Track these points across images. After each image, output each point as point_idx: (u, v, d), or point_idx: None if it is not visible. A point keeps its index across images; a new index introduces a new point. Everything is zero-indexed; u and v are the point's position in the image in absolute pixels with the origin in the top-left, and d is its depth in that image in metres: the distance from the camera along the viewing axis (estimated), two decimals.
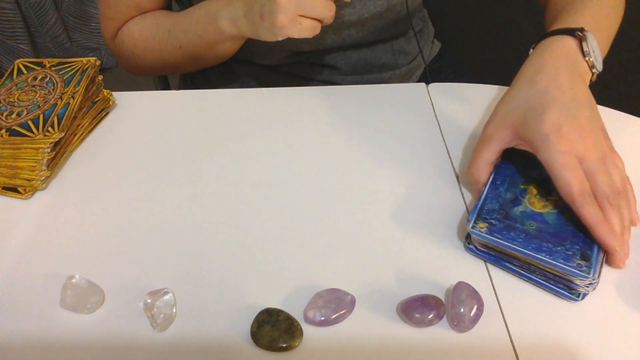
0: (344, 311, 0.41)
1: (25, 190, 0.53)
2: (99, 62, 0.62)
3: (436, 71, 0.86)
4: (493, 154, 0.49)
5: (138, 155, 0.57)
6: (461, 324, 0.40)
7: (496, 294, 0.43)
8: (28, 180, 0.53)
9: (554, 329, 0.41)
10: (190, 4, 0.67)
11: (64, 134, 0.54)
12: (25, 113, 0.55)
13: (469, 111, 0.62)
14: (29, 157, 0.53)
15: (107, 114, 0.63)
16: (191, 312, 0.42)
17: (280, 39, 0.56)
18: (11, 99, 0.57)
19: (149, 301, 0.42)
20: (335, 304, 0.41)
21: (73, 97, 0.57)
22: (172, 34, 0.66)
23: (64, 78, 0.59)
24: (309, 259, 0.46)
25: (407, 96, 0.65)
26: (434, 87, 0.66)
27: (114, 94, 0.64)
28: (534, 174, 0.49)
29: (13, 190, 0.53)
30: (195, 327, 0.41)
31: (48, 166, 0.53)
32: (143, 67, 0.73)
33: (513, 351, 0.40)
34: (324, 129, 0.60)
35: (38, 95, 0.57)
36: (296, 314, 0.42)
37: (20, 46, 1.78)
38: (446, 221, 0.49)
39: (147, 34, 0.68)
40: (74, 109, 0.56)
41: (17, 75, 0.61)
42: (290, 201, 0.51)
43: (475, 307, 0.41)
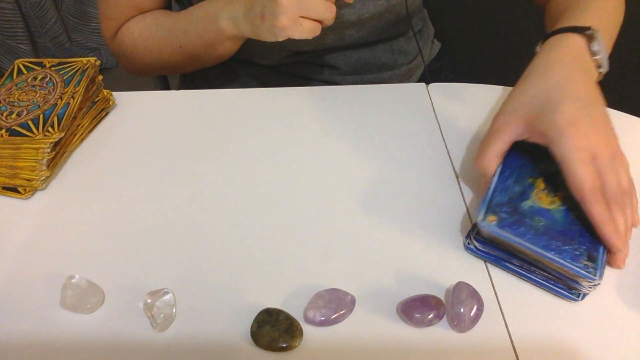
0: (344, 311, 0.41)
1: (25, 190, 0.53)
2: (99, 62, 0.62)
3: (436, 71, 0.86)
4: (503, 145, 0.48)
5: (138, 155, 0.57)
6: (461, 324, 0.40)
7: (496, 294, 0.43)
8: (28, 180, 0.53)
9: (554, 329, 0.41)
10: (190, 4, 0.67)
11: (64, 134, 0.54)
12: (25, 113, 0.55)
13: (469, 111, 0.62)
14: (29, 157, 0.53)
15: (107, 114, 0.63)
16: (191, 312, 0.42)
17: (280, 39, 0.56)
18: (11, 99, 0.57)
19: (149, 301, 0.42)
20: (335, 304, 0.41)
21: (73, 97, 0.57)
22: (171, 33, 0.66)
23: (64, 78, 0.59)
24: (309, 259, 0.46)
25: (407, 96, 0.65)
26: (434, 87, 0.66)
27: (114, 94, 0.64)
28: (541, 168, 0.48)
29: (13, 190, 0.53)
30: (195, 327, 0.41)
31: (48, 166, 0.53)
32: (143, 66, 0.73)
33: (513, 351, 0.40)
34: (324, 129, 0.60)
35: (38, 95, 0.57)
36: (296, 314, 0.42)
37: (20, 46, 1.78)
38: (446, 221, 0.49)
39: (147, 34, 0.68)
40: (74, 109, 0.56)
41: (17, 75, 0.61)
42: (290, 201, 0.51)
43: (475, 307, 0.41)
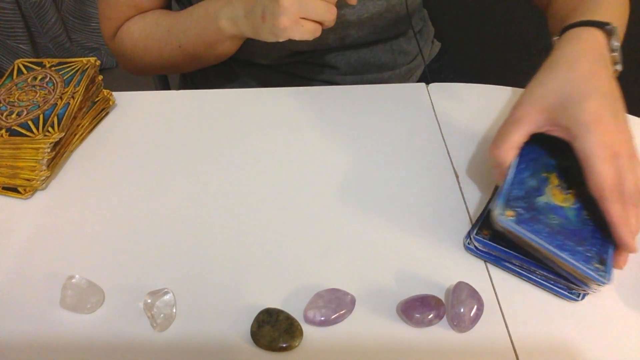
0: (344, 311, 0.41)
1: (25, 190, 0.53)
2: (99, 62, 0.62)
3: (436, 71, 0.86)
4: (522, 136, 0.45)
5: (138, 155, 0.57)
6: (461, 324, 0.40)
7: (496, 294, 0.43)
8: (28, 180, 0.53)
9: (554, 329, 0.41)
10: (190, 4, 0.67)
11: (64, 134, 0.54)
12: (25, 113, 0.55)
13: (469, 111, 0.62)
14: (29, 157, 0.53)
15: (107, 114, 0.63)
16: (191, 312, 0.42)
17: (281, 40, 0.56)
18: (11, 99, 0.57)
19: (149, 301, 0.42)
20: (335, 304, 0.41)
21: (73, 97, 0.57)
22: (171, 33, 0.66)
23: (64, 78, 0.59)
24: (309, 259, 0.46)
25: (407, 96, 0.65)
26: (434, 87, 0.66)
27: (114, 94, 0.64)
28: (554, 162, 0.46)
29: (13, 190, 0.53)
30: (195, 327, 0.41)
31: (48, 166, 0.53)
32: (143, 66, 0.73)
33: (513, 351, 0.40)
34: (324, 129, 0.60)
35: (38, 95, 0.57)
36: (296, 314, 0.42)
37: (20, 46, 1.78)
38: (446, 221, 0.49)
39: (147, 34, 0.68)
40: (74, 109, 0.56)
41: (17, 75, 0.61)
42: (290, 201, 0.51)
43: (475, 307, 0.41)
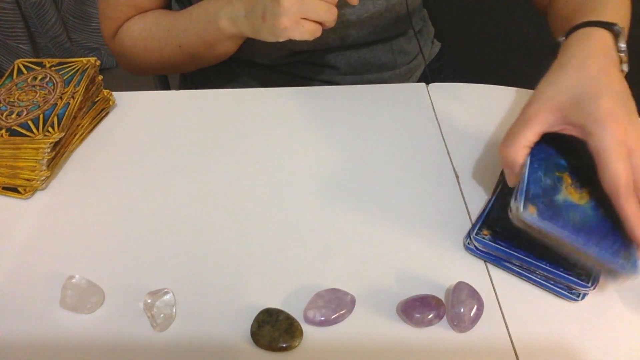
0: (344, 311, 0.41)
1: (25, 190, 0.53)
2: (99, 62, 0.62)
3: (436, 71, 0.86)
4: (534, 135, 0.45)
5: (138, 156, 0.57)
6: (461, 324, 0.40)
7: (496, 294, 0.43)
8: (28, 180, 0.53)
9: (554, 329, 0.41)
10: (190, 3, 0.67)
11: (64, 134, 0.54)
12: (25, 113, 0.55)
13: (469, 111, 0.62)
14: (29, 157, 0.53)
15: (107, 114, 0.63)
16: (191, 312, 0.42)
17: (281, 40, 0.57)
18: (11, 99, 0.57)
19: (149, 301, 0.42)
20: (335, 304, 0.41)
21: (73, 97, 0.57)
22: (171, 33, 0.66)
23: (64, 78, 0.59)
24: (309, 259, 0.46)
25: (407, 96, 0.65)
26: (434, 87, 0.66)
27: (114, 94, 0.64)
28: (564, 162, 0.46)
29: (13, 190, 0.53)
30: (195, 327, 0.41)
31: (48, 166, 0.53)
32: (143, 66, 0.73)
33: (513, 351, 0.40)
34: (324, 129, 0.60)
35: (38, 95, 0.57)
36: (296, 314, 0.42)
37: (20, 46, 1.78)
38: (446, 221, 0.49)
39: (147, 33, 0.68)
40: (74, 109, 0.56)
41: (17, 75, 0.61)
42: (290, 201, 0.51)
43: (475, 307, 0.41)
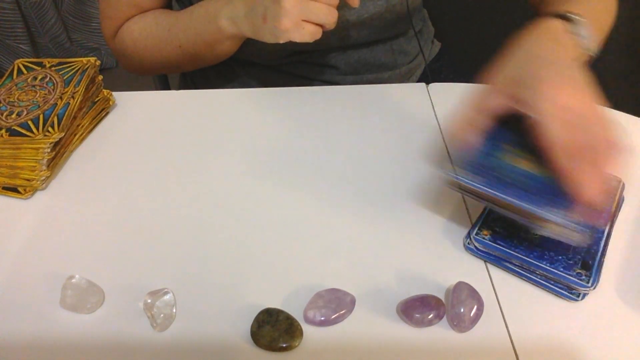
0: (344, 311, 0.41)
1: (25, 190, 0.53)
2: (99, 62, 0.62)
3: (436, 71, 0.86)
4: (485, 118, 0.47)
5: (138, 155, 0.57)
6: (461, 324, 0.40)
7: (496, 294, 0.43)
8: (28, 180, 0.53)
9: (554, 329, 0.41)
10: (190, 3, 0.67)
11: (64, 134, 0.54)
12: (25, 113, 0.55)
13: None
14: (29, 157, 0.53)
15: (107, 114, 0.63)
16: (191, 312, 0.42)
17: (281, 42, 0.57)
18: (11, 99, 0.57)
19: (149, 301, 0.42)
20: (335, 304, 0.41)
21: (73, 97, 0.57)
22: (171, 32, 0.66)
23: (64, 78, 0.59)
24: (309, 259, 0.46)
25: (407, 96, 0.65)
26: (434, 87, 0.66)
27: (114, 94, 0.64)
28: (515, 139, 0.46)
29: (13, 190, 0.53)
30: (195, 327, 0.41)
31: (48, 166, 0.53)
32: (143, 65, 0.73)
33: (513, 351, 0.40)
34: (324, 129, 0.60)
35: (38, 95, 0.57)
36: (296, 314, 0.42)
37: (20, 46, 1.78)
38: (446, 221, 0.49)
39: (147, 33, 0.68)
40: (74, 109, 0.56)
41: (17, 75, 0.61)
42: (290, 201, 0.51)
43: (475, 307, 0.41)
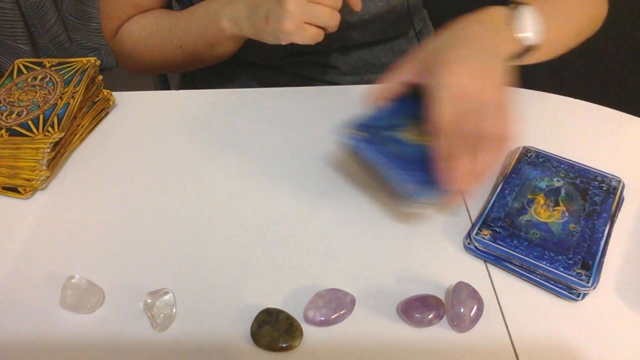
0: (344, 311, 0.41)
1: (25, 190, 0.53)
2: (99, 62, 0.62)
3: None
4: (397, 82, 0.51)
5: (138, 156, 0.57)
6: (461, 324, 0.40)
7: (496, 294, 0.43)
8: (28, 180, 0.53)
9: (554, 329, 0.41)
10: (191, 3, 0.67)
11: (64, 134, 0.54)
12: (25, 113, 0.55)
13: None
14: (29, 157, 0.53)
15: (107, 114, 0.63)
16: (191, 312, 0.42)
17: (283, 43, 0.57)
18: (11, 99, 0.57)
19: (149, 301, 0.42)
20: (335, 304, 0.41)
21: (73, 97, 0.57)
22: (172, 33, 0.66)
23: (64, 78, 0.59)
24: (309, 259, 0.46)
25: None
26: None
27: (114, 94, 0.64)
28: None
29: (13, 190, 0.53)
30: (195, 327, 0.41)
31: (48, 166, 0.53)
32: (143, 65, 0.73)
33: (513, 351, 0.40)
34: (324, 128, 0.60)
35: (38, 95, 0.57)
36: (296, 314, 0.42)
37: (20, 46, 1.78)
38: (446, 221, 0.49)
39: (148, 33, 0.68)
40: (74, 109, 0.56)
41: (17, 75, 0.61)
42: (291, 201, 0.51)
43: (475, 307, 0.41)
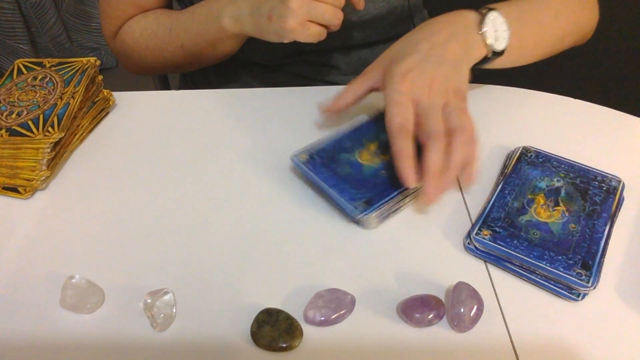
0: (344, 311, 0.41)
1: (25, 190, 0.53)
2: (99, 62, 0.62)
3: None
4: (361, 88, 0.54)
5: (138, 156, 0.57)
6: (461, 324, 0.40)
7: (496, 294, 0.43)
8: (28, 180, 0.53)
9: (554, 329, 0.41)
10: (191, 3, 0.67)
11: (64, 134, 0.54)
12: (25, 113, 0.55)
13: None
14: (29, 157, 0.53)
15: (107, 114, 0.63)
16: (191, 312, 0.42)
17: (285, 42, 0.57)
18: (11, 99, 0.57)
19: (149, 301, 0.42)
20: (335, 304, 0.41)
21: (73, 97, 0.57)
22: (173, 32, 0.66)
23: (64, 78, 0.59)
24: (309, 259, 0.46)
25: None
26: None
27: (114, 94, 0.64)
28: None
29: (13, 190, 0.53)
30: (195, 327, 0.41)
31: (48, 166, 0.53)
32: (144, 65, 0.73)
33: (513, 351, 0.40)
34: (325, 128, 0.60)
35: (38, 95, 0.57)
36: (296, 314, 0.42)
37: (20, 46, 1.78)
38: (446, 221, 0.49)
39: (148, 33, 0.68)
40: (74, 109, 0.56)
41: (17, 75, 0.61)
42: (291, 201, 0.51)
43: (475, 307, 0.41)
